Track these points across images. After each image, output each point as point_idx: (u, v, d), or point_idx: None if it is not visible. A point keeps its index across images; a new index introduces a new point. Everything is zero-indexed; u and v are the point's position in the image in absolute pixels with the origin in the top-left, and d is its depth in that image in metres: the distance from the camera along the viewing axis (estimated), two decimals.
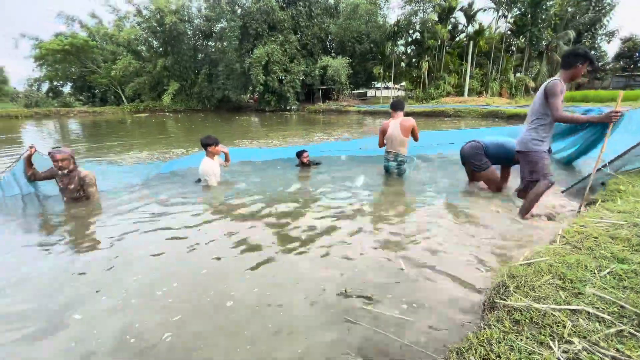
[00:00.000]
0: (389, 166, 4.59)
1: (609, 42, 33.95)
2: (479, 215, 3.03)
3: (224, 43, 30.40)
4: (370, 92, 41.79)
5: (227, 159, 4.65)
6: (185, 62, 32.22)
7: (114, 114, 29.97)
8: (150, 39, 32.94)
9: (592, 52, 31.92)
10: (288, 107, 30.16)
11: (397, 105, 4.49)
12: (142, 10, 31.81)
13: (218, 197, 3.91)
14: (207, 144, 4.30)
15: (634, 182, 3.03)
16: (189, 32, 32.18)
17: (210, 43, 33.38)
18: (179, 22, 30.13)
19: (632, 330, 1.14)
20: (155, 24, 30.70)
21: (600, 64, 35.16)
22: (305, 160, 5.32)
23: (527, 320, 1.24)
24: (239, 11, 29.77)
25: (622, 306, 1.26)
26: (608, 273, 1.50)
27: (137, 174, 4.87)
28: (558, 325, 1.19)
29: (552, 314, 1.24)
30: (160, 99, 32.69)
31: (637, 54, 34.77)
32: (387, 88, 38.48)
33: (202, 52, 33.59)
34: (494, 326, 1.25)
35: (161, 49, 32.78)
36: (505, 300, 1.38)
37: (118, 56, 32.54)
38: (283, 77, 29.44)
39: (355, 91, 37.07)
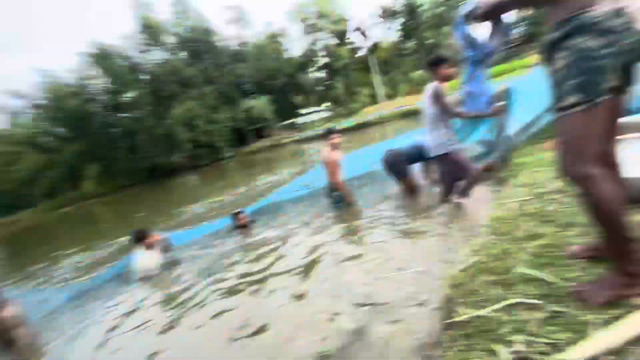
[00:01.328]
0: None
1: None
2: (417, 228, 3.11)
3: (138, 111, 29.39)
4: (300, 120, 43.12)
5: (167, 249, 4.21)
6: (100, 140, 30.20)
7: (32, 218, 26.42)
8: (53, 128, 30.43)
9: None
10: (221, 157, 29.70)
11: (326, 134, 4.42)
12: (38, 101, 29.47)
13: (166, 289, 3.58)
14: (140, 238, 3.96)
15: (529, 152, 3.51)
16: (98, 109, 30.42)
17: (122, 114, 31.89)
18: (82, 103, 28.41)
19: (556, 308, 1.27)
20: (56, 112, 28.54)
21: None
22: (242, 222, 4.69)
23: (476, 332, 1.32)
24: (145, 77, 29.28)
25: (546, 285, 1.41)
26: (528, 254, 1.68)
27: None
28: (501, 325, 1.28)
29: (493, 316, 1.34)
30: (79, 188, 29.86)
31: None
32: (314, 112, 40.19)
33: (116, 126, 31.86)
34: (450, 348, 1.31)
35: (69, 135, 30.37)
36: (454, 315, 1.46)
37: (19, 155, 29.35)
38: (211, 129, 29.17)
39: (285, 122, 38.04)
